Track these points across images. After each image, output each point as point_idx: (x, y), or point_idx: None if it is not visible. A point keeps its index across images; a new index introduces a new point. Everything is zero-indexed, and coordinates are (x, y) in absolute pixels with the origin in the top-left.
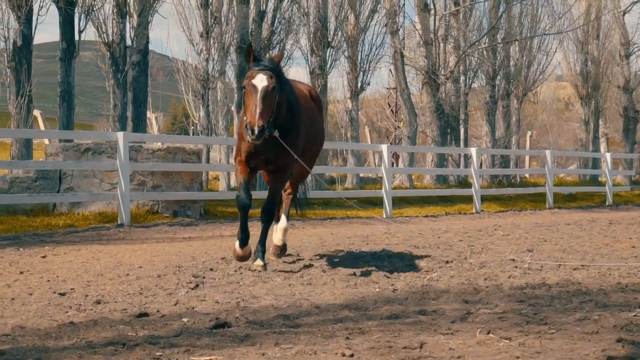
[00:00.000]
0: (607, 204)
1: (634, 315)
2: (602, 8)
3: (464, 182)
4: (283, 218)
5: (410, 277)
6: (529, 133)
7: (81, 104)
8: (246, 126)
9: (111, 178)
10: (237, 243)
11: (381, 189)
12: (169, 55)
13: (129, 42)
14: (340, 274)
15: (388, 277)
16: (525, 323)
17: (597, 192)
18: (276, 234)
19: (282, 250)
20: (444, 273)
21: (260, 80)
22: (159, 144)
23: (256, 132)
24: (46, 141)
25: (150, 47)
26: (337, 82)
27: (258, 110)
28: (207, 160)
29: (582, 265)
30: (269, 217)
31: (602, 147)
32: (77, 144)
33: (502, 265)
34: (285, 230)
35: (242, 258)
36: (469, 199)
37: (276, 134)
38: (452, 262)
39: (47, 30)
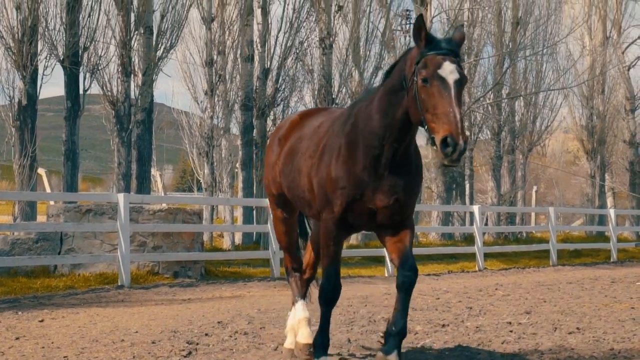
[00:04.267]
0: (611, 260)
1: None
2: (606, 63)
3: (470, 238)
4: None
5: (404, 343)
6: (534, 187)
7: (91, 157)
8: (431, 140)
9: (112, 239)
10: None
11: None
12: (174, 113)
13: (133, 100)
14: (333, 341)
15: (381, 344)
16: None
17: (602, 248)
18: (303, 330)
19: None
20: (438, 338)
21: (451, 72)
22: (160, 204)
23: (462, 147)
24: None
25: (160, 100)
26: None
27: (459, 116)
28: (212, 217)
29: (577, 329)
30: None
31: (609, 201)
32: (79, 205)
33: (497, 329)
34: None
35: None
36: (472, 256)
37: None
38: (448, 325)
39: (57, 84)
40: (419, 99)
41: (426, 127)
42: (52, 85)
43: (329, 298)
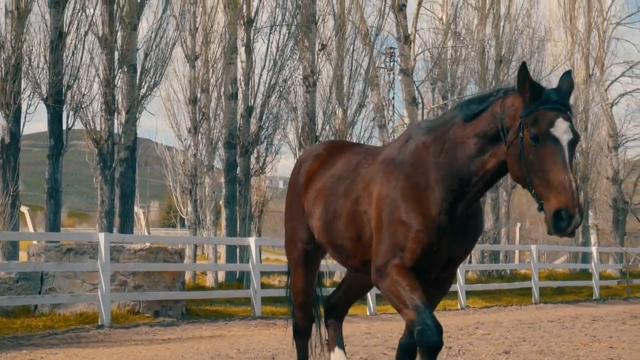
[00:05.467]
0: (593, 297)
1: None
2: (589, 100)
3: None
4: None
5: None
6: (518, 224)
7: (77, 193)
8: (539, 205)
9: (93, 278)
10: None
11: None
12: (157, 150)
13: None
14: None
15: None
16: None
17: (585, 285)
18: None
19: None
20: None
21: (565, 132)
22: (144, 244)
23: (577, 221)
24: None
25: (147, 135)
26: None
27: (575, 185)
28: (195, 254)
29: None
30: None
31: (592, 238)
32: (60, 245)
33: None
34: None
35: None
36: (455, 294)
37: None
38: None
39: (42, 120)
40: (526, 158)
41: (533, 191)
42: (37, 122)
43: (434, 344)
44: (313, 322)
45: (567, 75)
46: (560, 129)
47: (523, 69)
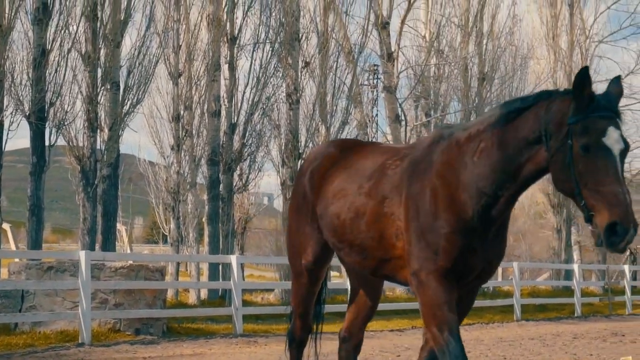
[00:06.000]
0: (575, 315)
1: None
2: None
3: None
4: None
5: None
6: None
7: (61, 209)
8: (587, 217)
9: (73, 296)
10: None
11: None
12: (140, 167)
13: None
14: None
15: None
16: None
17: (567, 302)
18: None
19: None
20: None
21: (617, 141)
22: (126, 262)
23: (632, 236)
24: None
25: (132, 151)
26: None
27: (629, 198)
28: (177, 270)
29: None
30: None
31: (575, 255)
32: (40, 263)
33: None
34: None
35: None
36: None
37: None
38: None
39: (26, 136)
40: (575, 168)
41: (583, 202)
42: (22, 138)
43: None
44: (310, 333)
45: (617, 80)
46: (612, 138)
47: (585, 74)
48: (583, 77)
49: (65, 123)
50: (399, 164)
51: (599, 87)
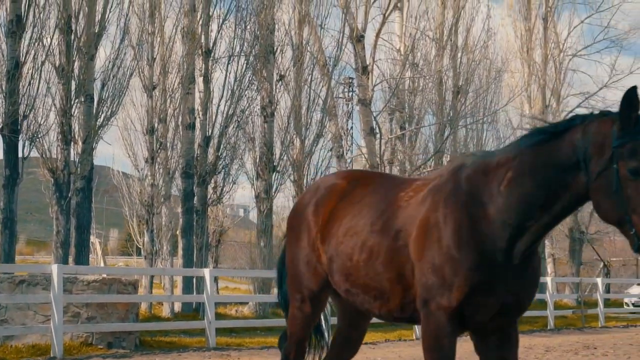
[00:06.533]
0: (548, 327)
1: None
2: None
3: None
4: None
5: None
6: None
7: (36, 221)
8: (637, 246)
9: (45, 310)
10: None
11: None
12: (114, 180)
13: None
14: None
15: None
16: None
17: (540, 315)
18: None
19: None
20: None
21: None
22: (100, 275)
23: None
24: None
25: (107, 163)
26: (283, 206)
27: None
28: (151, 283)
29: None
30: None
31: (549, 267)
32: (12, 276)
33: None
34: None
35: None
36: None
37: None
38: None
39: None
40: (621, 194)
41: (633, 230)
42: None
43: None
44: (304, 357)
45: None
46: None
47: (633, 94)
48: (631, 96)
49: (39, 136)
50: (413, 195)
51: (573, 101)
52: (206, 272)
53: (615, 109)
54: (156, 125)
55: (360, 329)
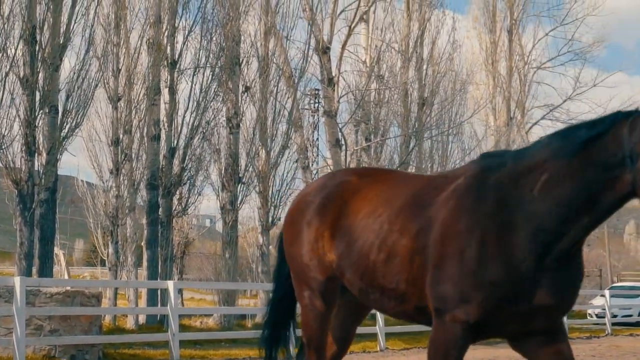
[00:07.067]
0: None
1: None
2: (511, 143)
3: (373, 317)
4: None
5: None
6: None
7: (1, 232)
8: None
9: (8, 323)
10: None
11: None
12: (78, 191)
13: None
14: None
15: None
16: None
17: None
18: None
19: None
20: None
21: None
22: (64, 288)
23: None
24: None
25: (72, 173)
26: (249, 216)
27: None
28: (115, 295)
29: None
30: None
31: None
32: None
33: None
34: None
35: None
36: (374, 336)
37: None
38: None
39: None
40: None
41: None
42: None
43: None
44: None
45: None
46: None
47: None
48: None
49: (3, 147)
50: (435, 195)
51: (537, 113)
52: (170, 285)
53: (580, 120)
54: (121, 136)
55: (358, 322)
